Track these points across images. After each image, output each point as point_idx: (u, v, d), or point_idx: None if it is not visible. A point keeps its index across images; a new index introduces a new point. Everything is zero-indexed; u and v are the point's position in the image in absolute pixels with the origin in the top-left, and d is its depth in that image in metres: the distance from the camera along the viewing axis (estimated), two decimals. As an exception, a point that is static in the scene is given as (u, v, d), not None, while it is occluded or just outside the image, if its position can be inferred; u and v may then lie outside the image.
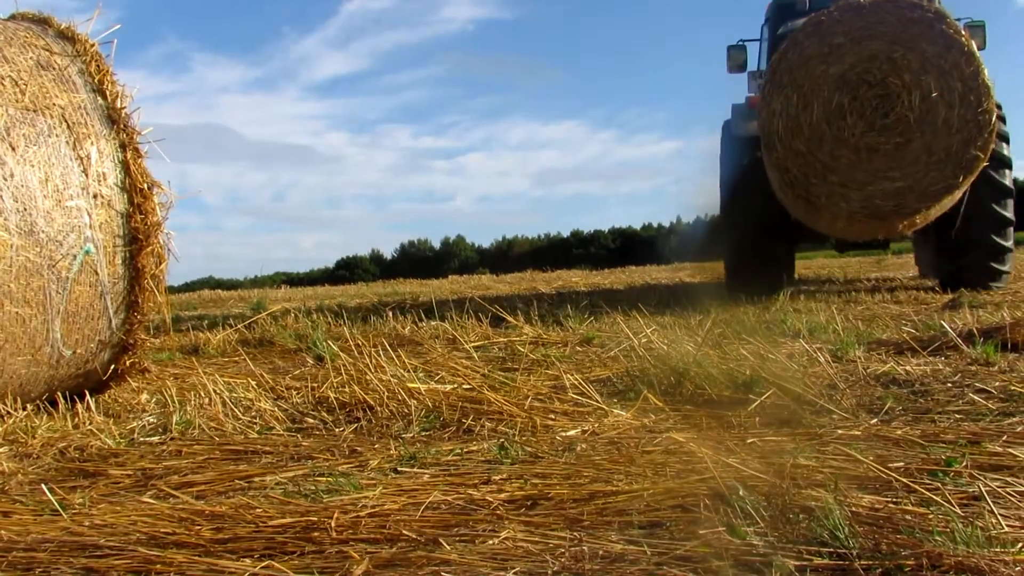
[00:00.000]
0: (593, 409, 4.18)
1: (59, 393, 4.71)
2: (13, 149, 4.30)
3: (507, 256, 65.94)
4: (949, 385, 4.44)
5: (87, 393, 4.77)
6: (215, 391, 4.64)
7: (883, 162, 9.50)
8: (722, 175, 11.96)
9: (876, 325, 6.94)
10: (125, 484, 3.32)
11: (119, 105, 4.75)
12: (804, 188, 9.72)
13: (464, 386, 4.52)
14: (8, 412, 4.35)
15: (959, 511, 2.39)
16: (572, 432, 3.79)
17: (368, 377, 4.58)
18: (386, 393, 4.39)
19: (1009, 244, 10.69)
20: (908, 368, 4.85)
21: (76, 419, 4.37)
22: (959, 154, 9.34)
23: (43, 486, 3.15)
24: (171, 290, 5.39)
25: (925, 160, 9.41)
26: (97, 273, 4.54)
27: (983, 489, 2.52)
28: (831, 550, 2.15)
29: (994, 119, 9.30)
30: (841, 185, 9.59)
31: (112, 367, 4.91)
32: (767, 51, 12.33)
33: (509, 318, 8.62)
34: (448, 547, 2.36)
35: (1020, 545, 2.14)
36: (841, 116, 9.58)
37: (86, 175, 4.52)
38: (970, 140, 9.30)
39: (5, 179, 4.24)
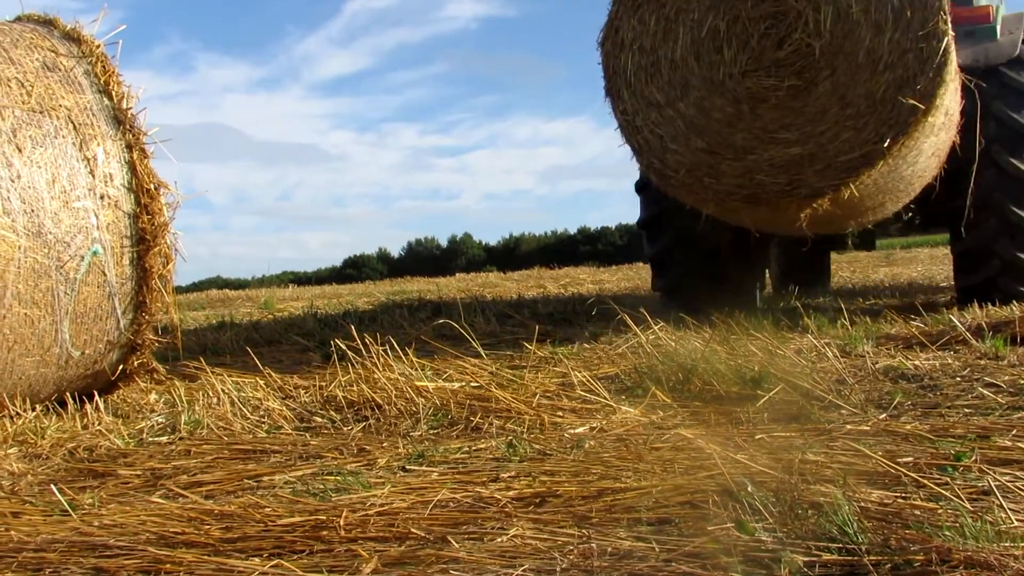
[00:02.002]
0: (601, 406, 4.18)
1: (68, 394, 4.72)
2: (20, 151, 4.31)
3: (514, 254, 65.85)
4: (958, 379, 4.43)
5: (96, 394, 4.78)
6: (223, 390, 4.65)
7: (773, 117, 6.41)
8: None
9: (884, 320, 6.92)
10: (134, 484, 3.33)
11: (125, 106, 4.76)
12: (659, 156, 6.71)
13: (472, 384, 4.52)
14: (18, 413, 4.36)
15: (968, 506, 2.39)
16: (580, 429, 3.79)
17: (376, 376, 4.58)
18: (394, 391, 4.39)
19: None
20: (917, 363, 4.84)
21: (85, 420, 4.39)
22: (887, 103, 6.14)
23: (53, 487, 3.16)
24: (179, 290, 5.39)
25: (836, 113, 6.27)
26: (105, 274, 4.55)
27: (992, 483, 2.51)
28: (840, 545, 2.15)
29: (944, 45, 6.02)
30: (709, 152, 6.57)
31: (120, 367, 4.91)
32: None
33: (516, 316, 8.63)
34: (457, 545, 2.36)
35: (1030, 539, 2.13)
36: (715, 48, 6.52)
37: (93, 176, 4.53)
38: (906, 81, 6.08)
39: (12, 181, 4.25)
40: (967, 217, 7.46)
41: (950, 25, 6.06)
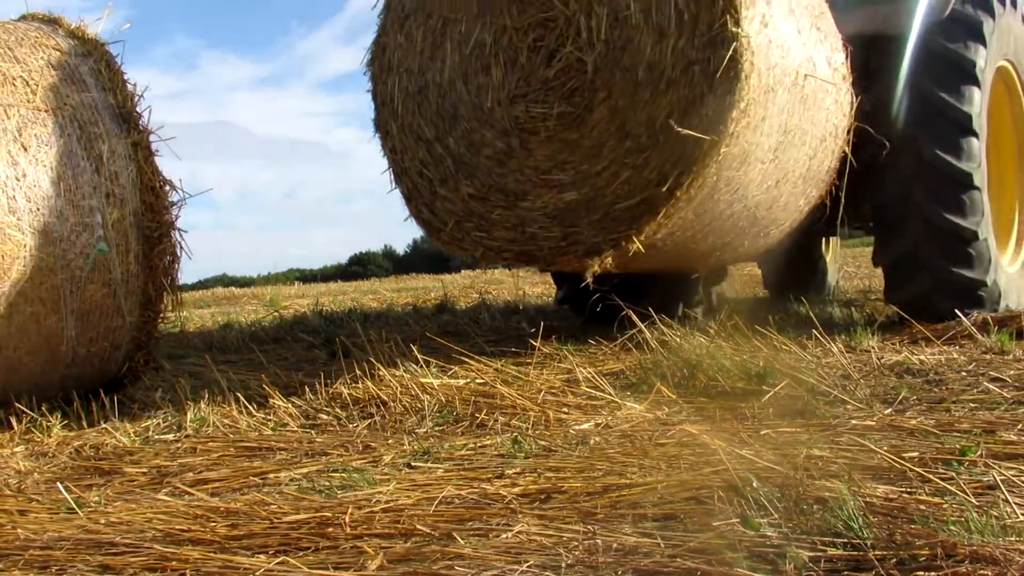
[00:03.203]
0: (606, 402, 4.18)
1: (74, 391, 4.73)
2: (25, 149, 4.31)
3: (519, 250, 65.63)
4: (963, 374, 4.42)
5: (102, 391, 4.78)
6: (229, 388, 4.66)
7: (546, 153, 5.12)
8: None
9: (889, 314, 6.90)
10: (140, 482, 3.34)
11: (130, 104, 4.77)
12: (428, 204, 5.49)
13: (477, 380, 4.52)
14: (24, 411, 4.37)
15: (974, 500, 2.39)
16: (585, 425, 3.79)
17: (381, 373, 4.59)
18: (399, 388, 4.40)
19: (978, 274, 6.02)
20: (922, 358, 4.83)
21: (91, 417, 4.40)
22: (671, 132, 4.70)
23: (59, 484, 3.17)
24: (184, 288, 5.40)
25: (613, 147, 4.92)
26: (111, 272, 4.56)
27: (998, 478, 2.51)
28: (845, 540, 2.15)
29: (731, 53, 4.55)
30: (480, 199, 5.32)
31: (126, 365, 4.92)
32: None
33: (521, 312, 8.64)
34: (462, 541, 2.37)
35: (1035, 534, 2.13)
36: (483, 68, 5.25)
37: (98, 174, 4.54)
38: (692, 102, 4.69)
39: (18, 179, 4.25)
40: (893, 223, 6.24)
41: (750, 24, 4.64)
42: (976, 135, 6.01)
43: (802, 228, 6.48)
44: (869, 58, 6.38)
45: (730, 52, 4.55)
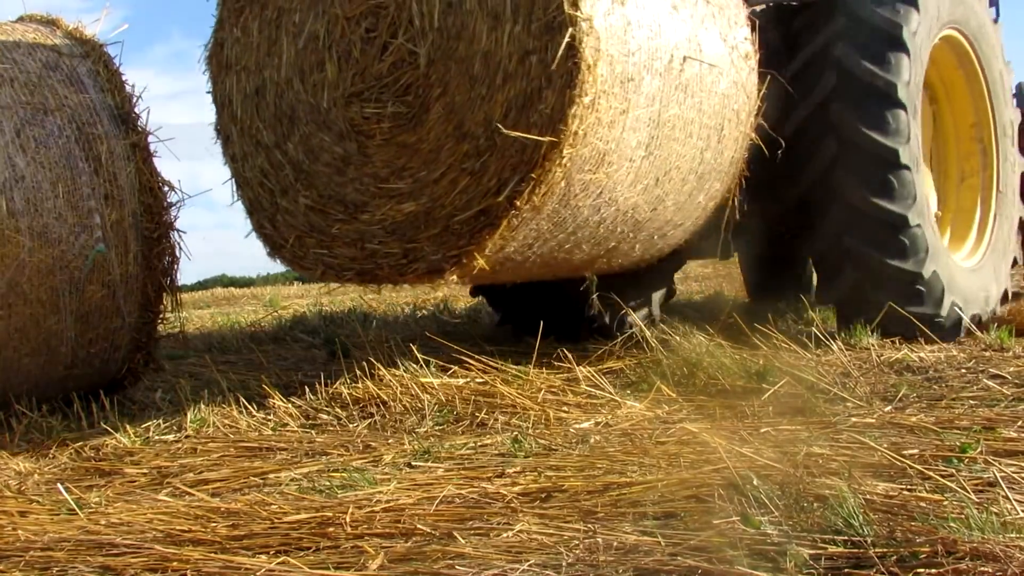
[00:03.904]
0: (606, 401, 4.18)
1: (74, 392, 4.73)
2: (24, 151, 4.31)
3: (519, 249, 65.69)
4: (963, 371, 4.42)
5: (102, 392, 4.78)
6: (229, 388, 4.66)
7: (384, 159, 4.57)
8: None
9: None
10: (141, 482, 3.34)
11: (128, 105, 4.77)
12: (269, 218, 4.90)
13: (477, 380, 4.52)
14: (24, 412, 4.37)
15: (974, 497, 2.39)
16: (585, 424, 3.79)
17: (381, 372, 4.58)
18: (399, 388, 4.40)
19: (912, 266, 5.41)
20: (922, 355, 4.83)
21: (91, 418, 4.39)
22: (510, 130, 4.15)
23: (59, 485, 3.17)
24: (184, 288, 5.40)
25: (451, 150, 4.38)
26: (110, 273, 4.56)
27: (998, 475, 2.51)
28: (846, 538, 2.15)
29: (567, 40, 3.99)
30: (319, 211, 4.75)
31: (126, 366, 4.92)
32: None
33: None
34: (463, 540, 2.37)
35: (1036, 531, 2.13)
36: (318, 64, 4.69)
37: (97, 175, 4.54)
38: (530, 98, 4.17)
39: (16, 181, 4.26)
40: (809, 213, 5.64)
41: (595, 4, 4.10)
42: (904, 107, 5.39)
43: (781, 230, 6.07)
44: (788, 30, 5.89)
45: (566, 39, 3.99)
